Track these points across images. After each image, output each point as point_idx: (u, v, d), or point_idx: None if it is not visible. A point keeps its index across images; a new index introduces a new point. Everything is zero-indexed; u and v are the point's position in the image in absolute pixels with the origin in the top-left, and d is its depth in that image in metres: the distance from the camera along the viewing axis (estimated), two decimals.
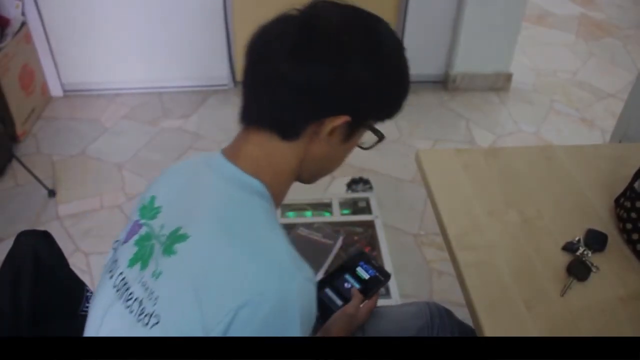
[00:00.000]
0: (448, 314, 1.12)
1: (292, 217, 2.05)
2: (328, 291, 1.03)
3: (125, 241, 0.75)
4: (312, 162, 0.75)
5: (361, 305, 1.00)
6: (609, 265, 0.99)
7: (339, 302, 1.02)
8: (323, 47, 0.69)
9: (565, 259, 1.00)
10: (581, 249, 1.01)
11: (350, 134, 0.75)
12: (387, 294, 1.74)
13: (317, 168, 0.79)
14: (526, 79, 3.14)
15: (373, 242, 1.94)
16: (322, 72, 0.68)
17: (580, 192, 1.16)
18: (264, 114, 0.72)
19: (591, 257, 1.00)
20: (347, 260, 1.10)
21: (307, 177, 0.79)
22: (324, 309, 0.99)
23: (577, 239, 1.03)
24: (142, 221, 0.74)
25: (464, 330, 1.10)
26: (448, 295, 1.87)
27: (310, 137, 0.72)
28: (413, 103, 2.88)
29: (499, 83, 3.02)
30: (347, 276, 1.06)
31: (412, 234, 2.13)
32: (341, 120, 0.71)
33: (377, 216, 2.03)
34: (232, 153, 0.74)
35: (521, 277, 0.97)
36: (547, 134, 2.75)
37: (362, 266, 1.08)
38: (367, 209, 2.09)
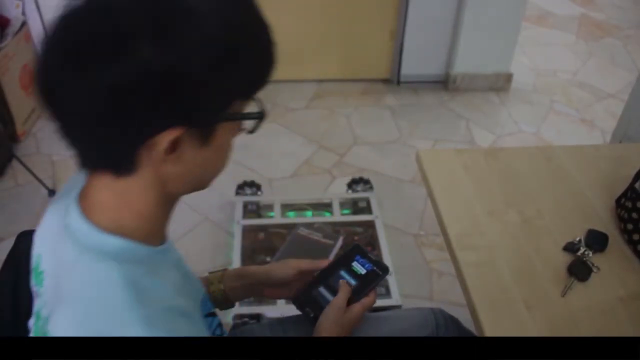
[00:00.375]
0: (454, 322, 1.09)
1: (292, 217, 2.05)
2: (322, 289, 0.95)
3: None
4: (177, 182, 0.60)
5: (360, 301, 0.91)
6: (609, 266, 0.99)
7: None
8: (93, 40, 0.50)
9: (565, 259, 1.00)
10: (582, 249, 1.01)
11: (207, 134, 0.56)
12: (387, 294, 1.74)
13: (192, 182, 0.62)
14: (526, 79, 3.14)
15: (373, 242, 1.94)
16: (102, 76, 0.49)
17: (581, 193, 1.16)
18: (82, 153, 0.58)
19: (592, 258, 1.00)
20: (341, 256, 1.01)
21: (188, 191, 0.63)
22: (319, 309, 0.92)
23: (577, 239, 1.03)
24: (35, 288, 0.68)
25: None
26: (448, 296, 1.87)
27: (153, 161, 0.56)
28: (413, 103, 2.92)
29: (499, 83, 3.02)
30: (342, 272, 0.97)
31: (412, 234, 2.13)
32: (172, 134, 0.53)
33: (377, 216, 2.03)
34: (86, 202, 0.61)
35: (521, 277, 0.97)
36: (547, 134, 2.75)
37: (358, 261, 0.99)
38: (367, 209, 2.10)
